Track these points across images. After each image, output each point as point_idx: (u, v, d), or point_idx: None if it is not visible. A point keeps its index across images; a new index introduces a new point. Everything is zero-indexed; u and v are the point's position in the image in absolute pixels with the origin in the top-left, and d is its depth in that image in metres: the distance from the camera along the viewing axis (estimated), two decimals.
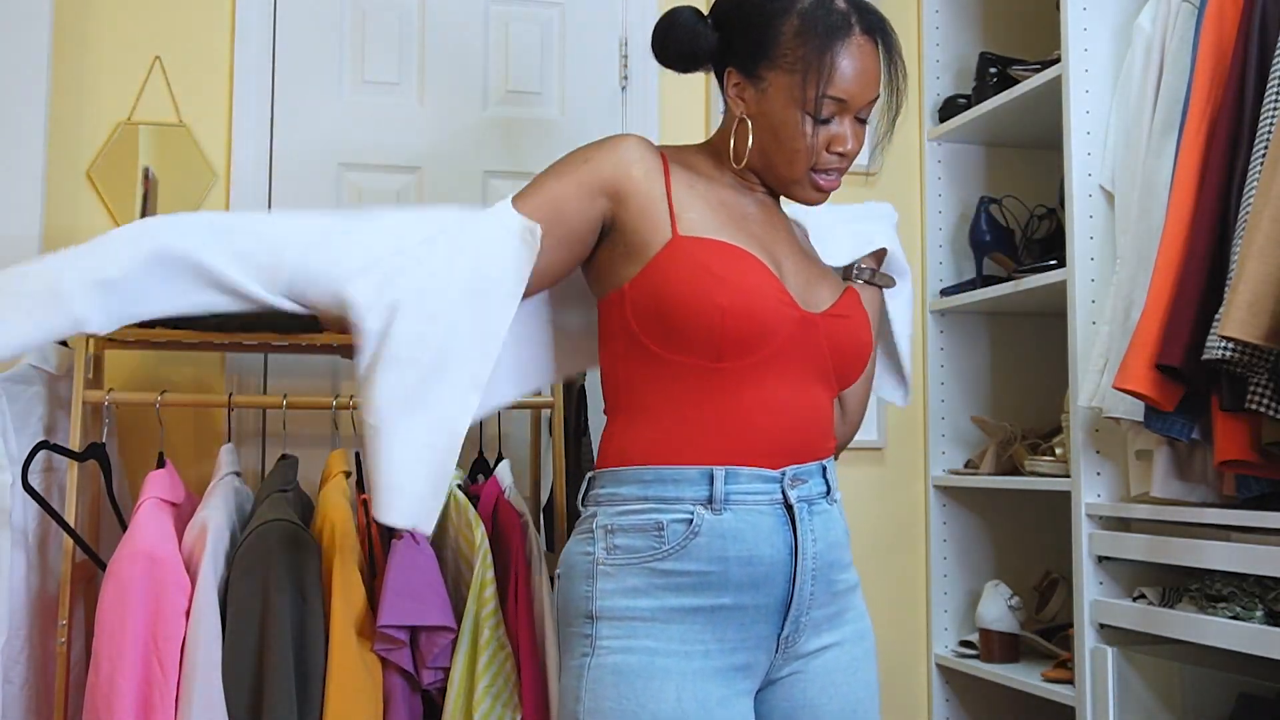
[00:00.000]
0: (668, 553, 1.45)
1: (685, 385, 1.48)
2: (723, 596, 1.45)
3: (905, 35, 2.87)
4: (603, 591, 1.46)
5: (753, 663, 1.49)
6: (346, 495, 2.03)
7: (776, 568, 1.47)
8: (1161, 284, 1.96)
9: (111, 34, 2.42)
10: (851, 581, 1.60)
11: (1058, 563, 2.59)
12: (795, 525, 1.48)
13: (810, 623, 1.52)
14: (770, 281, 1.49)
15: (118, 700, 1.76)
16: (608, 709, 1.42)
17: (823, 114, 1.51)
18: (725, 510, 1.45)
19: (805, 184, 1.56)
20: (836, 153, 1.54)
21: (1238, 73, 1.94)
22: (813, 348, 1.52)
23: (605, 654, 1.44)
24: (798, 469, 1.50)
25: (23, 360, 2.06)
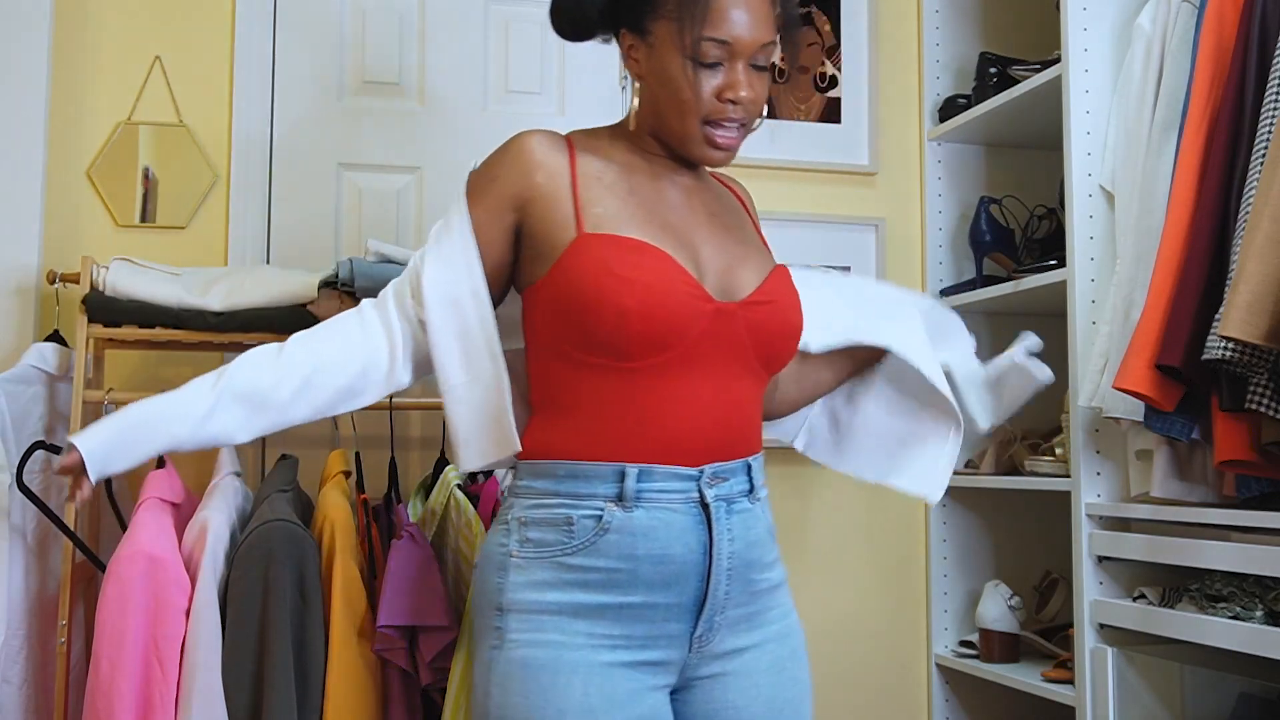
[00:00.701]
0: (577, 548, 1.43)
1: (599, 383, 1.45)
2: (632, 595, 1.43)
3: (905, 35, 2.87)
4: (513, 584, 1.45)
5: (664, 660, 1.47)
6: (346, 495, 2.04)
7: (689, 567, 1.45)
8: (1161, 284, 1.96)
9: (111, 34, 2.42)
10: (774, 580, 1.55)
11: (1058, 563, 2.59)
12: (711, 524, 1.45)
13: (726, 622, 1.49)
14: (678, 276, 1.44)
15: (118, 700, 1.76)
16: (515, 703, 1.41)
17: (706, 58, 1.45)
18: (636, 508, 1.43)
19: (700, 140, 1.49)
20: (728, 100, 1.46)
21: (1238, 73, 1.94)
22: (732, 340, 1.47)
23: (513, 647, 1.43)
24: (719, 467, 1.47)
25: (22, 360, 2.06)
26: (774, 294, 1.52)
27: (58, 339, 2.16)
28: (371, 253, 2.18)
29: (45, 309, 2.23)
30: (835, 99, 2.80)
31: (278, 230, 2.47)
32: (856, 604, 2.73)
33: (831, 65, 2.80)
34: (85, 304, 2.06)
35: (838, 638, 2.71)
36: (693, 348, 1.45)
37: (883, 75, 2.83)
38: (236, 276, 2.13)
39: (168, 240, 2.40)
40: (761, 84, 1.49)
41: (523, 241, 1.52)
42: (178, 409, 1.50)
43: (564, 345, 1.47)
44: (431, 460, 2.27)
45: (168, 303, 2.07)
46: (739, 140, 1.51)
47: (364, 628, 1.90)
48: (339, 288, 2.15)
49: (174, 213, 2.41)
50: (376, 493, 2.19)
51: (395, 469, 2.20)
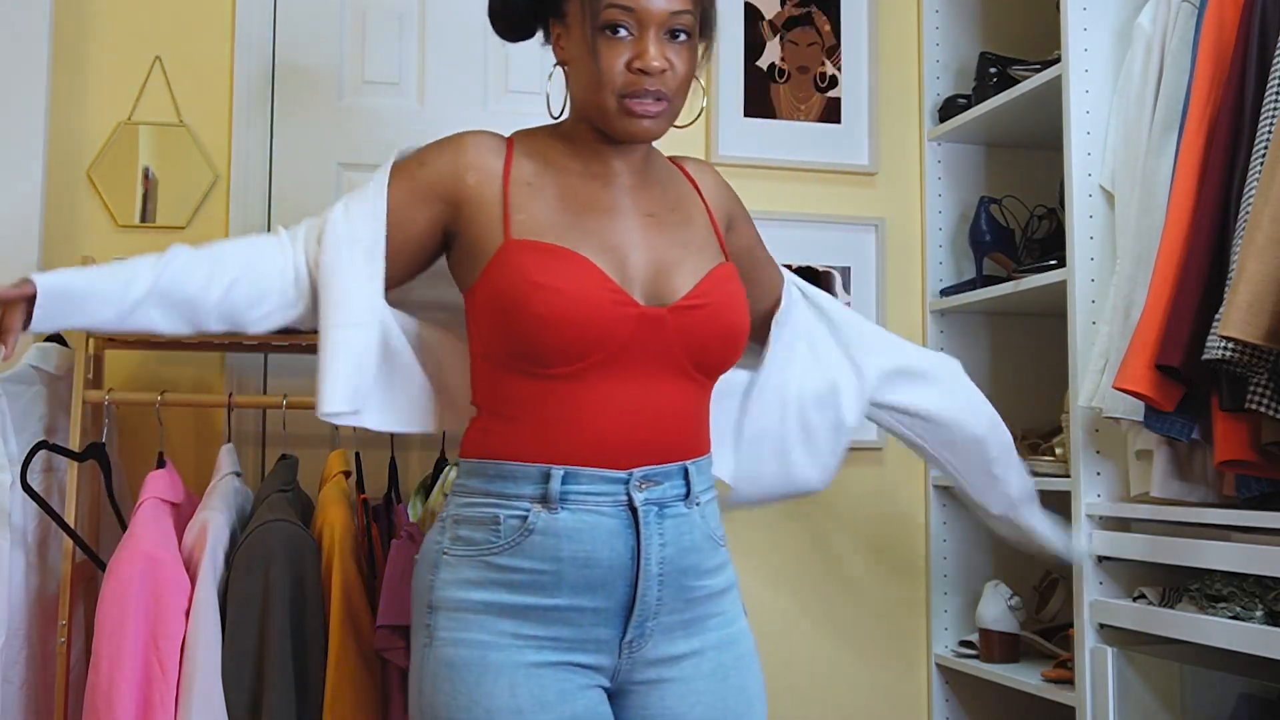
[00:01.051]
0: (503, 548, 1.43)
1: (527, 387, 1.45)
2: (557, 597, 1.42)
3: (905, 35, 2.87)
4: (442, 581, 1.45)
5: (595, 665, 1.45)
6: (346, 495, 2.04)
7: (616, 571, 1.43)
8: (1161, 284, 1.96)
9: (111, 34, 2.42)
10: (715, 587, 1.52)
11: (1058, 563, 2.59)
12: (639, 528, 1.43)
13: (660, 628, 1.47)
14: (599, 282, 1.43)
15: (118, 700, 1.77)
16: (443, 703, 1.41)
17: (610, 24, 1.43)
18: (562, 509, 1.42)
19: (620, 114, 1.46)
20: (637, 69, 1.43)
21: (1238, 73, 1.94)
22: (660, 345, 1.45)
23: (441, 646, 1.43)
24: (650, 470, 1.45)
25: (23, 360, 2.06)
26: (708, 296, 1.49)
27: (58, 339, 2.16)
28: None
29: None
30: (835, 99, 2.80)
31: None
32: (856, 604, 2.73)
33: (831, 65, 2.80)
34: None
35: (838, 638, 2.71)
36: (617, 354, 1.43)
37: (883, 75, 2.83)
38: None
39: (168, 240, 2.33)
40: (680, 55, 1.46)
41: (455, 243, 1.53)
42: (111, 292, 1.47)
43: (494, 349, 1.47)
44: (431, 460, 2.27)
45: None
46: (660, 112, 1.47)
47: (364, 628, 1.90)
48: None
49: (174, 213, 2.41)
50: (376, 493, 2.19)
51: (395, 469, 2.20)
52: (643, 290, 1.47)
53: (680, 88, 1.48)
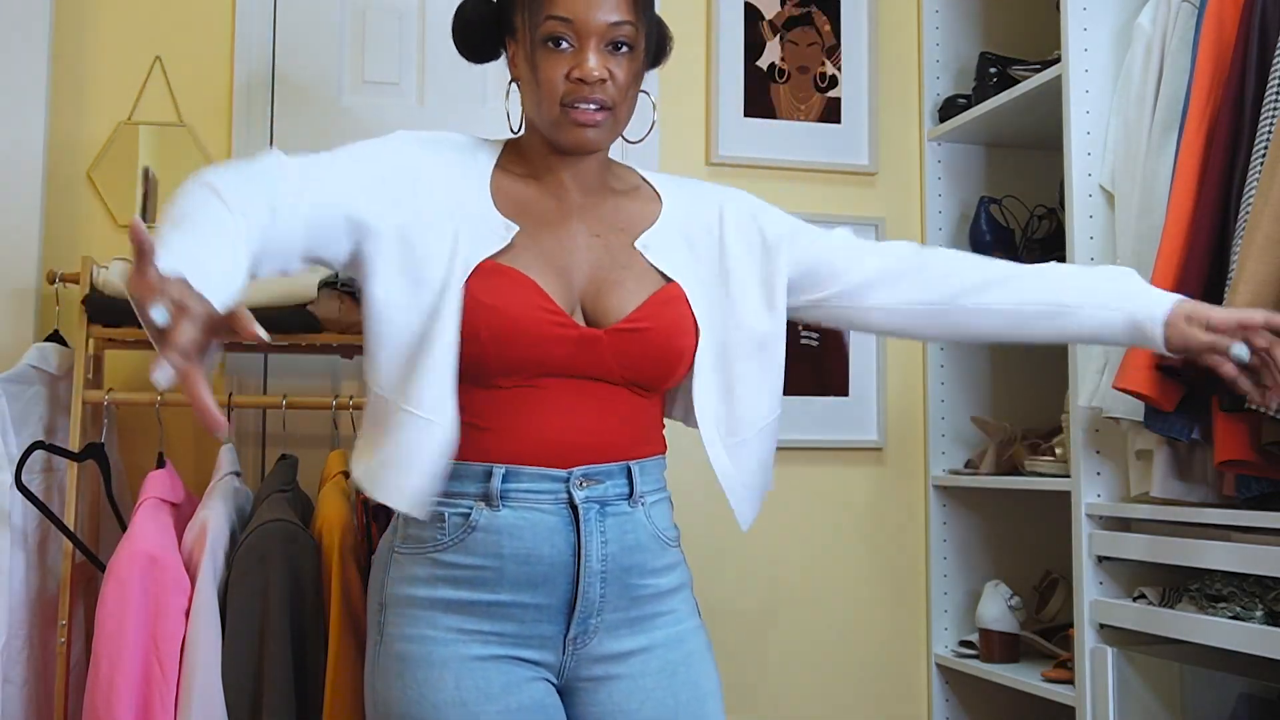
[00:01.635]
0: (448, 545, 1.45)
1: (477, 396, 1.46)
2: (500, 593, 1.44)
3: (905, 35, 2.87)
4: (392, 579, 1.48)
5: (540, 661, 1.47)
6: (346, 495, 2.04)
7: (557, 568, 1.45)
8: (1161, 284, 1.95)
9: (111, 34, 2.42)
10: (663, 586, 1.53)
11: (1058, 563, 2.59)
12: (579, 526, 1.45)
13: (604, 625, 1.48)
14: (539, 303, 1.45)
15: (118, 700, 1.77)
16: (393, 698, 1.44)
17: (549, 36, 1.45)
18: (504, 507, 1.44)
19: (562, 123, 1.47)
20: (576, 79, 1.45)
21: (1238, 73, 1.94)
22: (597, 364, 1.47)
23: (390, 642, 1.46)
24: (591, 469, 1.46)
25: (23, 360, 2.06)
26: (649, 320, 1.50)
27: (58, 339, 2.16)
28: None
29: (45, 309, 2.23)
30: (835, 99, 2.80)
31: None
32: (856, 604, 2.73)
33: (831, 65, 2.80)
34: (85, 304, 2.06)
35: (838, 638, 2.71)
36: (555, 370, 1.46)
37: (883, 75, 2.83)
38: None
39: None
40: (620, 66, 1.47)
41: None
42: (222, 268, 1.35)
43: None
44: None
45: None
46: (602, 120, 1.48)
47: (364, 628, 1.90)
48: (339, 288, 2.16)
49: None
50: None
51: None
52: (585, 310, 1.49)
53: (623, 98, 1.49)
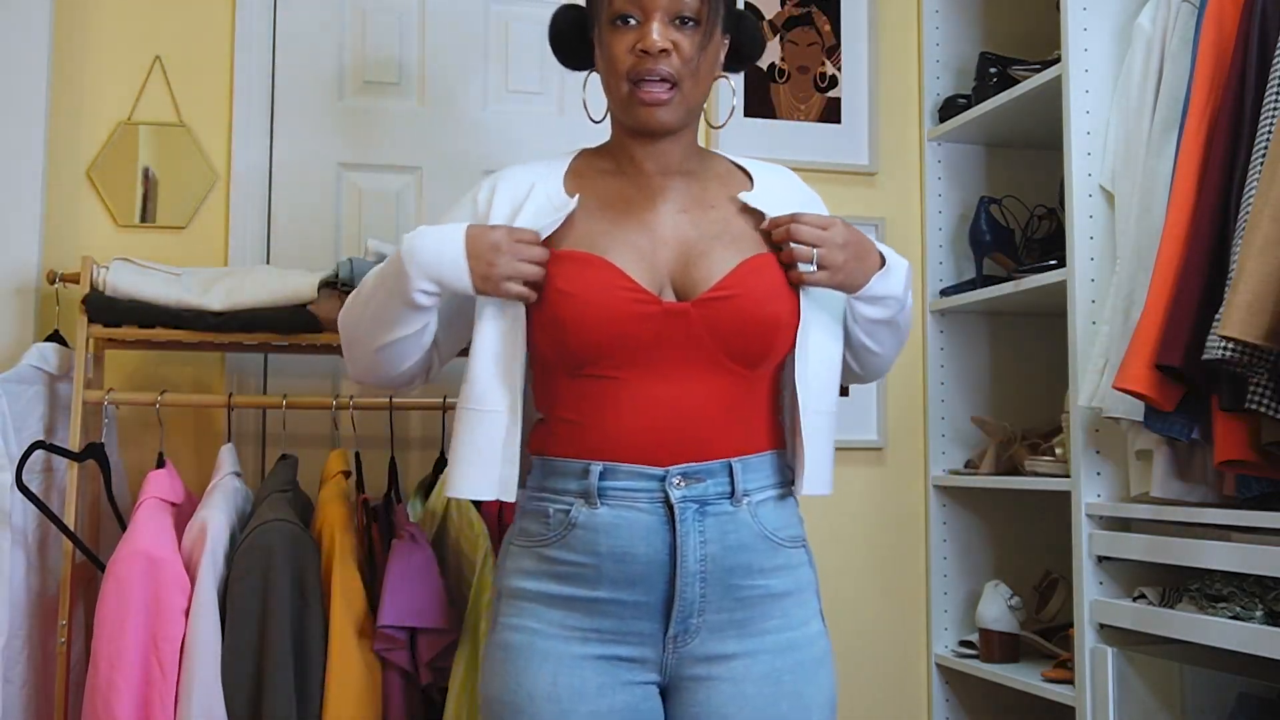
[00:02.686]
0: (552, 540, 1.49)
1: (571, 388, 1.50)
2: (598, 590, 1.47)
3: (905, 35, 2.87)
4: (508, 570, 1.54)
5: (639, 658, 1.48)
6: (346, 495, 2.04)
7: (654, 567, 1.45)
8: (1161, 284, 1.96)
9: (111, 34, 2.42)
10: (774, 589, 1.51)
11: (1058, 563, 2.59)
12: (675, 525, 1.45)
13: (706, 625, 1.48)
14: (618, 283, 1.46)
15: (117, 700, 1.77)
16: (496, 684, 1.49)
17: (618, 15, 1.49)
18: (602, 505, 1.46)
19: (631, 101, 1.51)
20: (640, 51, 1.47)
21: (1238, 73, 1.94)
22: (689, 340, 1.47)
23: (500, 631, 1.52)
24: (690, 468, 1.46)
25: (23, 360, 2.06)
26: (737, 287, 1.49)
27: (58, 339, 2.16)
28: (372, 253, 2.18)
29: (45, 309, 2.23)
30: (835, 99, 2.80)
31: (278, 230, 2.47)
32: (856, 604, 2.73)
33: (831, 65, 2.80)
34: (85, 304, 2.06)
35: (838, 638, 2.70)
36: (644, 352, 1.46)
37: (883, 75, 2.83)
38: (236, 276, 2.13)
39: (168, 240, 2.40)
40: (687, 40, 1.49)
41: None
42: None
43: (543, 356, 1.53)
44: (431, 460, 2.27)
45: (168, 303, 2.08)
46: (669, 98, 1.50)
47: (364, 628, 1.90)
48: (339, 288, 2.16)
49: (174, 213, 2.41)
50: (376, 493, 2.18)
51: (395, 469, 2.20)
52: (675, 287, 1.50)
53: (691, 73, 1.50)
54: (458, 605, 1.96)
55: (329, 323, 2.14)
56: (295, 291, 2.12)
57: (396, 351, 1.57)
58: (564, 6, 1.64)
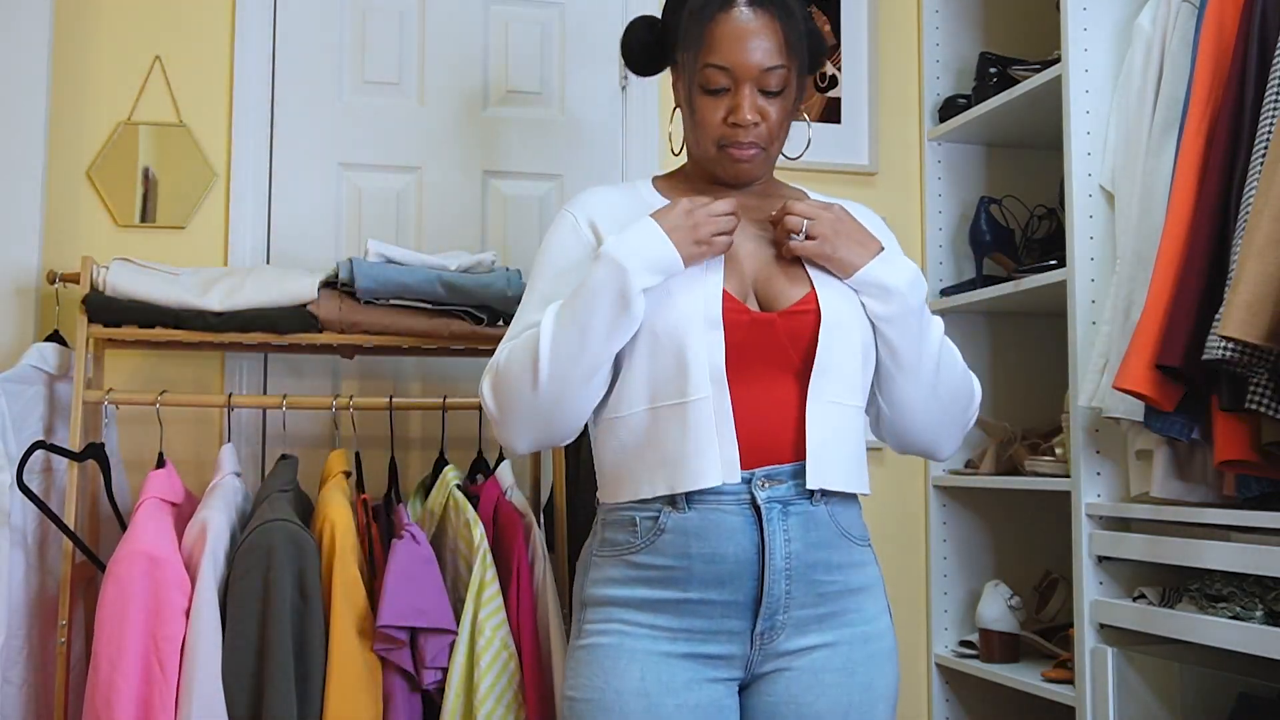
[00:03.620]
0: (640, 547, 1.54)
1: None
2: (688, 591, 1.51)
3: (905, 35, 2.87)
4: (591, 580, 1.59)
5: (727, 655, 1.52)
6: (346, 495, 2.04)
7: (743, 566, 1.51)
8: (1161, 284, 1.96)
9: (111, 34, 2.42)
10: (851, 583, 1.58)
11: (1058, 563, 2.59)
12: (762, 525, 1.50)
13: (792, 621, 1.53)
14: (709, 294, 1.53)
15: (118, 700, 1.77)
16: (582, 685, 1.53)
17: (710, 85, 1.57)
18: (690, 509, 1.51)
19: (720, 159, 1.61)
20: (732, 124, 1.56)
21: (1238, 73, 1.94)
22: (773, 347, 1.54)
23: (586, 636, 1.56)
24: (771, 470, 1.52)
25: (22, 360, 2.06)
26: (815, 304, 1.56)
27: (58, 339, 2.16)
28: (371, 253, 2.18)
29: (45, 309, 2.23)
30: (835, 99, 2.80)
31: (278, 230, 2.47)
32: None
33: (831, 65, 2.80)
34: (85, 304, 2.07)
35: None
36: (731, 359, 1.52)
37: (883, 75, 2.83)
38: (236, 277, 2.14)
39: (167, 240, 2.40)
40: (774, 108, 1.58)
41: None
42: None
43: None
44: (431, 460, 2.27)
45: (168, 303, 2.08)
46: (757, 158, 1.60)
47: (364, 628, 1.90)
48: (339, 288, 2.16)
49: (174, 213, 2.41)
50: (376, 493, 2.19)
51: (395, 469, 2.20)
52: (758, 297, 1.58)
53: (775, 135, 1.60)
54: (456, 605, 1.96)
55: (329, 323, 2.14)
56: (295, 292, 2.12)
57: (606, 372, 1.56)
58: (639, 20, 1.72)
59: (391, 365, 2.49)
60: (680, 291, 1.53)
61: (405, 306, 2.16)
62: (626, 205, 1.65)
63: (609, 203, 1.66)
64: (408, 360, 2.49)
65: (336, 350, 2.34)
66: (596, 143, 2.61)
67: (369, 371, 2.48)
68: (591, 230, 1.62)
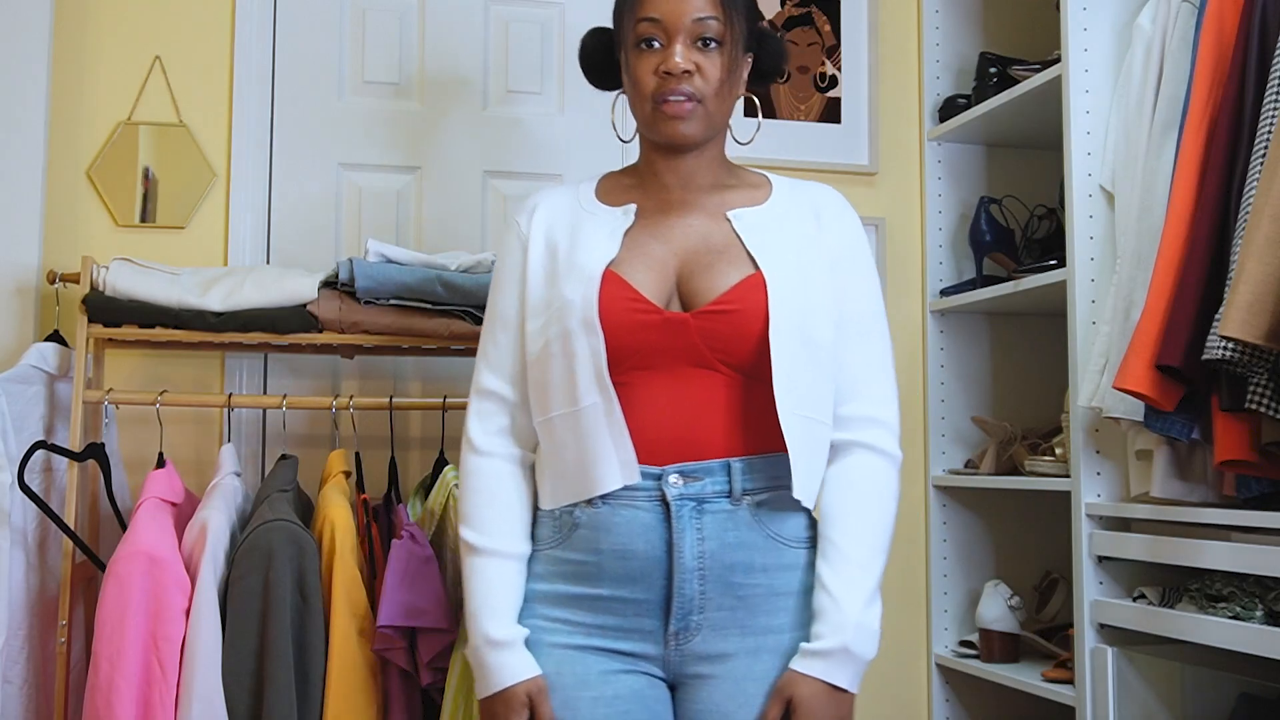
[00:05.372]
0: (559, 541, 1.55)
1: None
2: (601, 587, 1.51)
3: (905, 35, 2.87)
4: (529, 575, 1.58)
5: (642, 653, 1.51)
6: (346, 495, 2.04)
7: (653, 564, 1.49)
8: (1161, 284, 1.96)
9: (111, 34, 2.42)
10: (779, 587, 1.52)
11: (1058, 563, 2.59)
12: (671, 522, 1.48)
13: (708, 623, 1.50)
14: (620, 295, 1.52)
15: (118, 700, 1.77)
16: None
17: (643, 36, 1.54)
18: (603, 505, 1.51)
19: (655, 116, 1.56)
20: (664, 73, 1.53)
21: (1238, 73, 1.94)
22: (688, 348, 1.51)
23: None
24: (687, 466, 1.50)
25: (23, 360, 2.06)
26: (737, 302, 1.52)
27: (58, 339, 2.16)
28: (371, 253, 2.18)
29: (45, 309, 2.23)
30: (835, 99, 2.80)
31: (278, 230, 2.47)
32: None
33: (831, 65, 2.80)
34: (85, 304, 2.07)
35: None
36: (644, 358, 1.51)
37: (883, 75, 2.83)
38: (236, 276, 2.14)
39: (167, 240, 2.40)
40: (709, 61, 1.54)
41: None
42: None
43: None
44: (431, 460, 2.27)
45: (168, 303, 2.08)
46: (694, 113, 1.55)
47: (364, 628, 1.90)
48: (339, 288, 2.16)
49: (174, 213, 2.41)
50: (376, 493, 2.19)
51: (395, 469, 2.20)
52: (682, 296, 1.55)
53: (714, 92, 1.56)
54: (456, 605, 1.96)
55: (329, 323, 2.14)
56: (295, 292, 2.12)
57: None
58: (593, 31, 1.71)
59: (391, 365, 2.49)
60: (568, 298, 1.52)
61: (405, 306, 2.16)
62: (567, 208, 1.65)
63: (551, 206, 1.66)
64: (408, 360, 2.49)
65: (336, 350, 2.34)
66: (596, 143, 2.61)
67: (369, 371, 2.48)
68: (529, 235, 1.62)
